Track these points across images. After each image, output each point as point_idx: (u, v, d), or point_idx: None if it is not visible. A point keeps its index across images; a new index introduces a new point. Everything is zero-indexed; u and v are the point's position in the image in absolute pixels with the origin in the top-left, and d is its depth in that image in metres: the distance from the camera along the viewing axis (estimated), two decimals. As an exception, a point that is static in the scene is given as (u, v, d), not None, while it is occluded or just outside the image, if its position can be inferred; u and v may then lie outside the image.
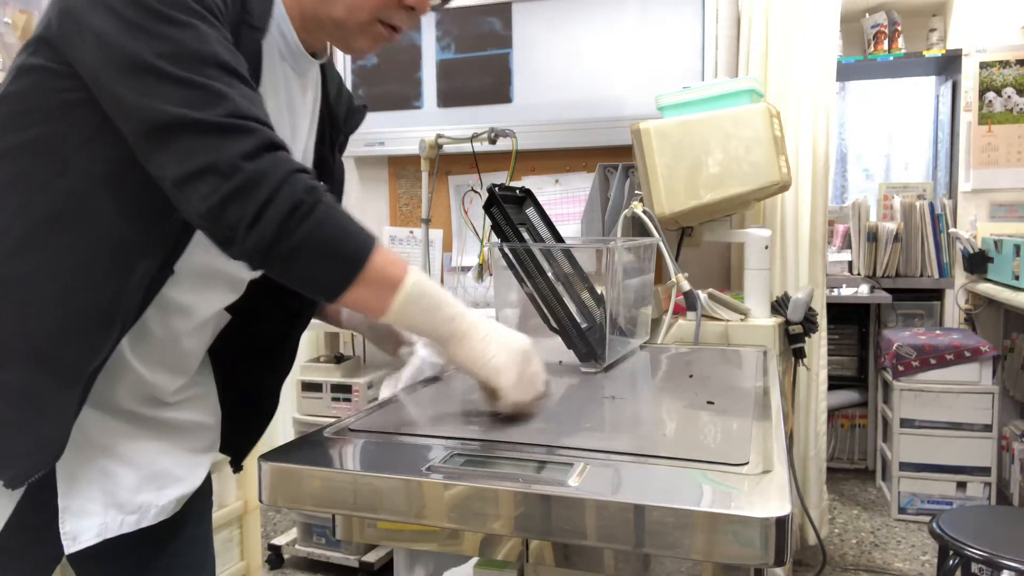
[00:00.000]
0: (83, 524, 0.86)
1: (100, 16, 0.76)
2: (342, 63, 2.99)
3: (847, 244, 3.61)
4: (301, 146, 0.99)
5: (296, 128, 0.97)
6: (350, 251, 0.79)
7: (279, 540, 2.72)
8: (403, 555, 2.12)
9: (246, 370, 1.08)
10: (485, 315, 0.93)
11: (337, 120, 1.07)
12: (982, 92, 3.33)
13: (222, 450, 1.09)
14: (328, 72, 1.05)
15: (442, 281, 2.97)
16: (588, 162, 2.74)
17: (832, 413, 3.54)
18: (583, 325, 1.30)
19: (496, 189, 1.36)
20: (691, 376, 1.29)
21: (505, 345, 0.90)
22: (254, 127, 0.76)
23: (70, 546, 0.85)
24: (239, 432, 1.09)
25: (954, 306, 3.42)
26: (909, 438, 2.98)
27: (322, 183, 0.80)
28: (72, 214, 0.81)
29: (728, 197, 2.00)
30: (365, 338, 1.27)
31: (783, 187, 2.04)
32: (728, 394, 1.13)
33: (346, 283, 0.79)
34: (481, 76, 2.83)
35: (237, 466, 1.13)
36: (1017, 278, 2.82)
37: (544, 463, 0.80)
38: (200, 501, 1.07)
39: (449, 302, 0.88)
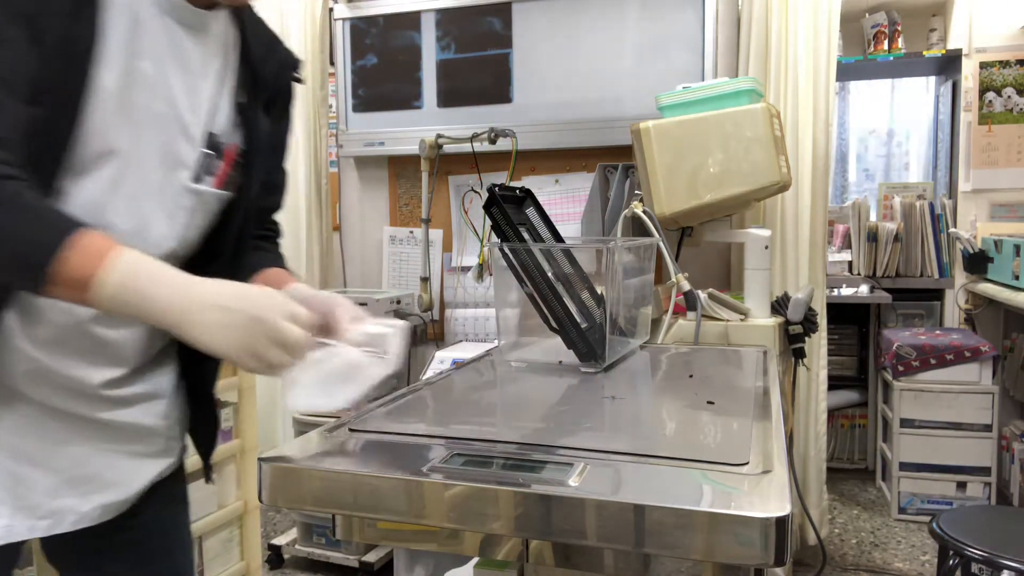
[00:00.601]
0: None
1: None
2: (342, 63, 2.99)
3: (847, 244, 3.61)
4: (205, 105, 0.94)
5: (194, 85, 0.92)
6: (29, 260, 0.76)
7: (279, 540, 2.72)
8: (403, 555, 2.12)
9: (196, 368, 1.04)
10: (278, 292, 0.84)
11: (263, 76, 1.01)
12: (982, 92, 3.33)
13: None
14: (250, 28, 1.00)
15: (442, 281, 2.96)
16: (588, 162, 2.74)
17: (832, 413, 3.54)
18: (583, 325, 1.30)
19: (496, 189, 1.36)
20: (691, 376, 1.29)
21: (230, 326, 0.79)
22: None
23: None
24: (199, 434, 1.07)
25: (954, 306, 3.41)
26: (909, 438, 2.98)
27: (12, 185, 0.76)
28: None
29: (728, 197, 2.00)
30: None
31: (783, 187, 2.04)
32: (728, 394, 1.13)
33: (34, 288, 0.78)
34: (481, 76, 2.83)
35: (207, 476, 1.10)
36: (1017, 278, 2.82)
37: (544, 463, 0.80)
38: (168, 502, 1.05)
39: (161, 293, 0.78)
